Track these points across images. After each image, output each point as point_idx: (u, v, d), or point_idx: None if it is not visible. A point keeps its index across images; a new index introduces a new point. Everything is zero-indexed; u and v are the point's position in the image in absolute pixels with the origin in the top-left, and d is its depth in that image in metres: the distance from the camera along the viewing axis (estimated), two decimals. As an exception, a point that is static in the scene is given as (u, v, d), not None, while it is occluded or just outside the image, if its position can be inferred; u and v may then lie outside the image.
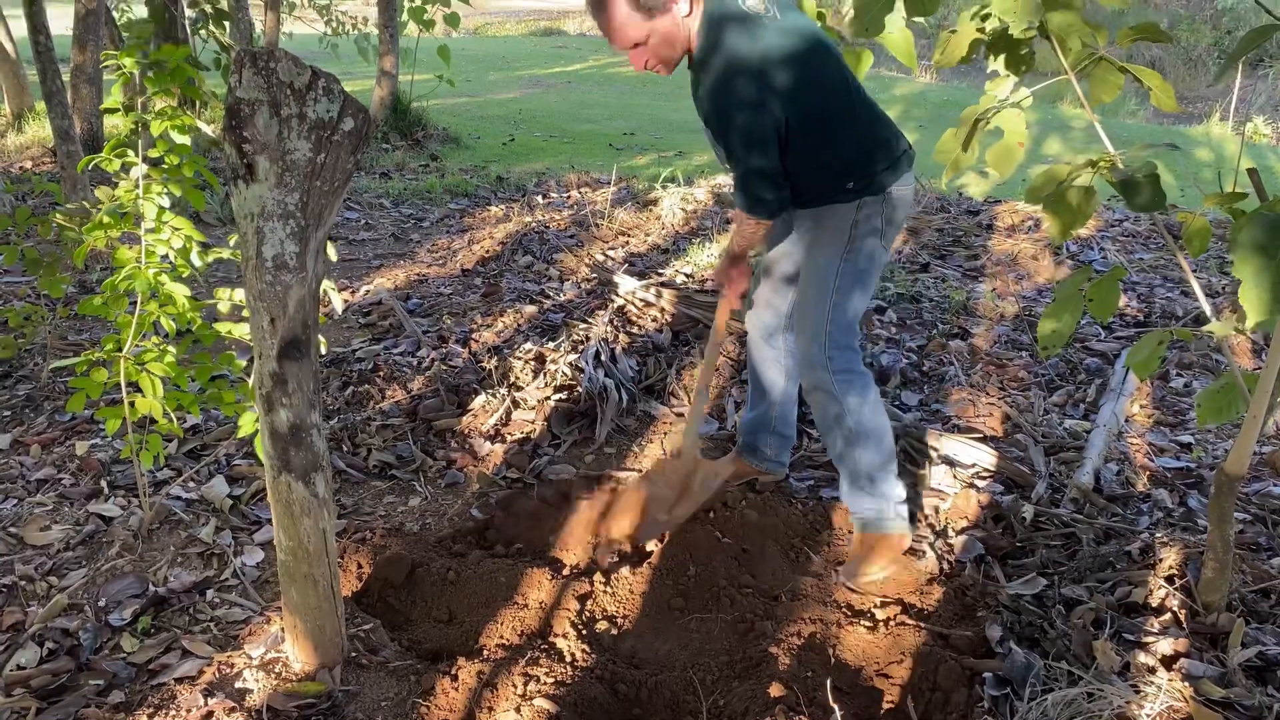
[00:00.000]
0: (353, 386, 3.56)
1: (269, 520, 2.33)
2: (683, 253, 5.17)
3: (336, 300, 2.97)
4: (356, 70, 10.08)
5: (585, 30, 20.11)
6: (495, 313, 4.22)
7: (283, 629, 2.20)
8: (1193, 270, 2.47)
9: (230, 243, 2.73)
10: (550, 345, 3.78)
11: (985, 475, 3.06)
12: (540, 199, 6.44)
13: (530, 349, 3.76)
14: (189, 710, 2.01)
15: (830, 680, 2.15)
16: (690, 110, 2.63)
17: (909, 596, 2.55)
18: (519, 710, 2.04)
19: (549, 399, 3.46)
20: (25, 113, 7.66)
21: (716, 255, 4.97)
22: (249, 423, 2.47)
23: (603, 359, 3.64)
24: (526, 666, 2.19)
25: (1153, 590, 2.37)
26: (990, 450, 3.14)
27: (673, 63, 2.41)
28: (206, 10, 7.81)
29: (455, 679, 2.14)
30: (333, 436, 3.20)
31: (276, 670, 2.14)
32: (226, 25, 7.98)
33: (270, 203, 1.73)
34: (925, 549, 2.73)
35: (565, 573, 2.64)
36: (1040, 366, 3.88)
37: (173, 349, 2.59)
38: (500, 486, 3.05)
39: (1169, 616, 2.29)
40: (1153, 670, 2.11)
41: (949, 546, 2.75)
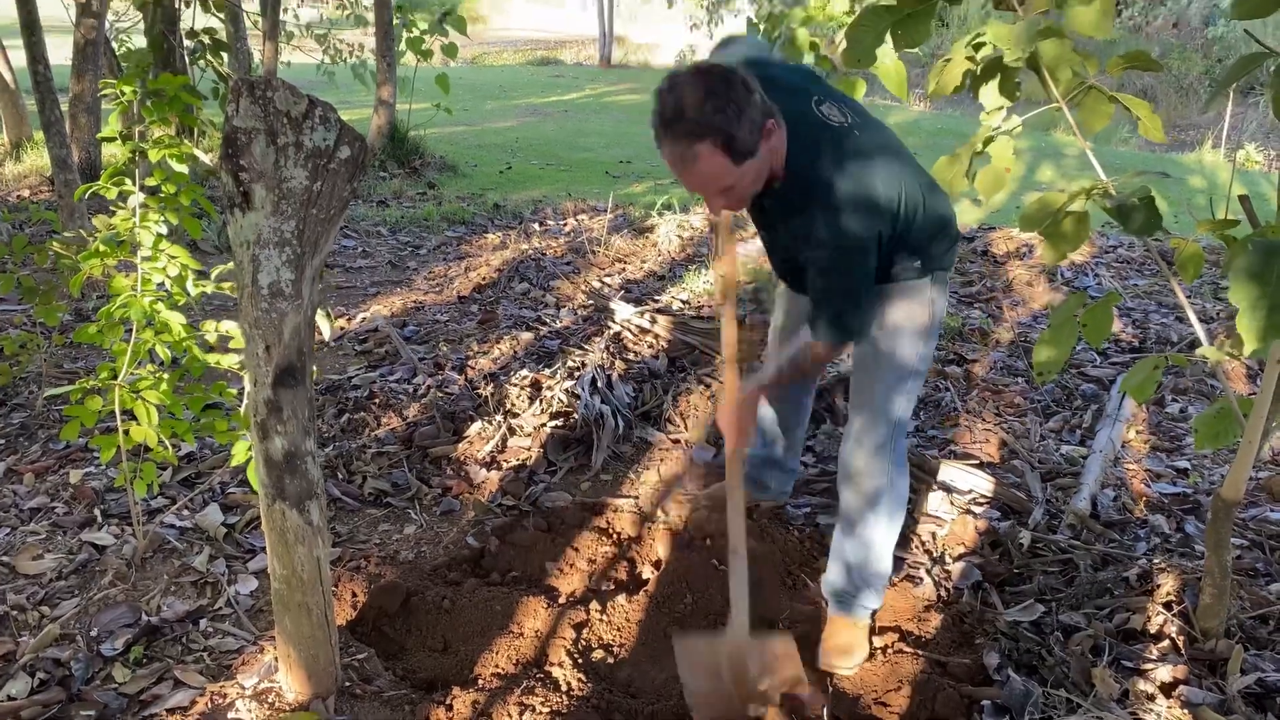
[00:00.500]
0: (348, 414, 3.56)
1: (263, 548, 2.32)
2: (679, 279, 5.18)
3: (325, 328, 2.95)
4: (354, 99, 10.14)
5: (582, 59, 20.30)
6: (492, 339, 4.22)
7: (276, 658, 2.18)
8: (1187, 296, 2.48)
9: (213, 275, 2.74)
10: (546, 372, 3.78)
11: (982, 501, 3.05)
12: (537, 226, 6.46)
13: (526, 376, 3.76)
14: (181, 741, 1.99)
15: (827, 709, 2.14)
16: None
17: (906, 624, 2.54)
18: (514, 740, 2.02)
19: (545, 426, 3.46)
20: (24, 142, 7.69)
21: (712, 280, 4.99)
22: (242, 451, 2.46)
23: (599, 385, 3.64)
24: (522, 696, 2.17)
25: (1151, 617, 2.36)
26: (987, 476, 3.13)
27: (750, 199, 2.11)
28: (205, 40, 7.86)
29: (450, 709, 2.12)
30: (328, 464, 3.19)
31: (269, 700, 2.12)
32: (224, 55, 8.03)
33: (266, 230, 1.73)
34: (923, 576, 2.72)
35: (561, 601, 2.62)
36: (1036, 392, 3.88)
37: (168, 376, 2.58)
38: (496, 514, 3.04)
39: (1167, 643, 2.28)
40: (1152, 697, 2.10)
41: (946, 573, 2.73)
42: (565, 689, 2.24)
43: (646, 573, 2.79)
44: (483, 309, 4.74)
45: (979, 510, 3.00)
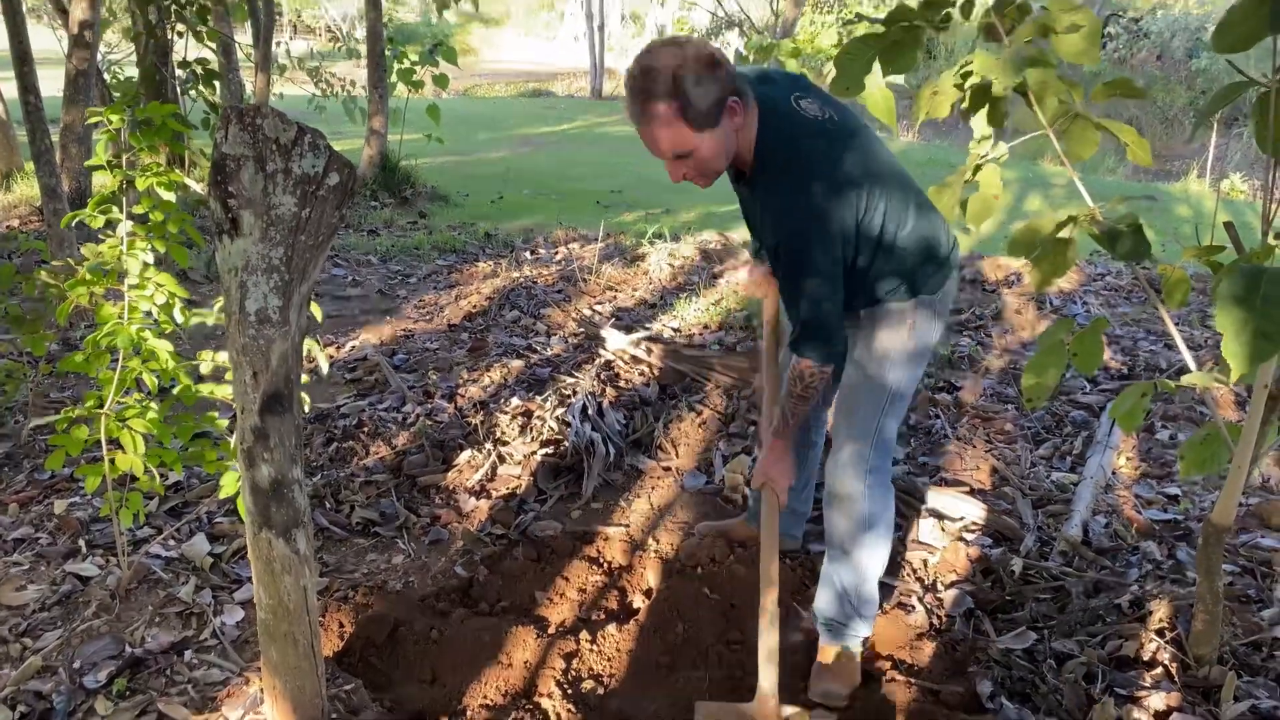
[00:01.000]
0: (337, 442, 3.54)
1: (250, 578, 2.30)
2: (670, 307, 5.19)
3: (323, 361, 2.94)
4: (345, 130, 10.18)
5: (573, 91, 20.44)
6: (482, 368, 4.22)
7: (262, 690, 2.15)
8: (1175, 323, 2.49)
9: (215, 307, 2.73)
10: (537, 400, 3.77)
11: (974, 528, 3.04)
12: (528, 255, 6.47)
13: (517, 404, 3.75)
14: (163, 775, 1.96)
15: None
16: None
17: (899, 652, 2.52)
18: (503, 772, 1.99)
19: (535, 454, 3.44)
20: (14, 172, 7.71)
21: (703, 308, 4.99)
22: (231, 482, 2.45)
23: (590, 413, 3.63)
24: (511, 727, 2.15)
25: (1144, 643, 2.35)
26: (978, 503, 3.13)
27: (715, 176, 2.13)
28: (196, 71, 7.90)
29: (438, 741, 2.09)
30: (315, 493, 3.17)
31: (254, 733, 2.09)
32: (216, 85, 8.06)
33: (254, 257, 1.72)
34: (914, 603, 2.70)
35: (551, 631, 2.60)
36: (1027, 419, 3.88)
37: (155, 405, 2.57)
38: (485, 543, 3.01)
39: (1160, 670, 2.27)
40: (1146, 726, 2.08)
41: (938, 601, 2.72)
42: (555, 720, 2.22)
43: (637, 602, 2.77)
44: (473, 337, 4.73)
45: (970, 537, 2.99)
